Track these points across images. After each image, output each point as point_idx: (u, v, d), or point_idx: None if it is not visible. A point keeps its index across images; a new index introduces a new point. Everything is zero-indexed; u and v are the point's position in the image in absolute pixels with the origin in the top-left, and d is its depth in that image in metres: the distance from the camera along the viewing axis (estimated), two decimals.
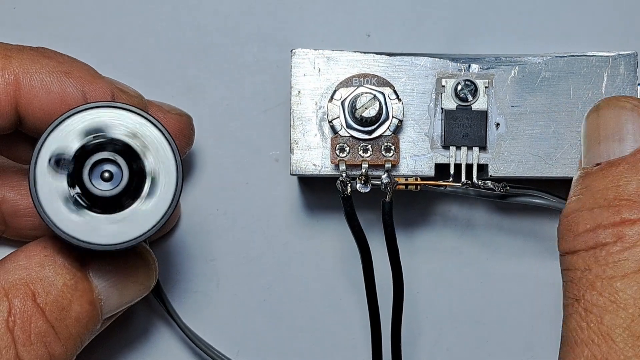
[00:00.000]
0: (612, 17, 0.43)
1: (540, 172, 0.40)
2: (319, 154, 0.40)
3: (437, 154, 0.40)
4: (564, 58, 0.40)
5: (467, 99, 0.39)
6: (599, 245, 0.33)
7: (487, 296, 0.43)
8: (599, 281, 0.33)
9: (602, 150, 0.35)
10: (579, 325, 0.33)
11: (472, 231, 0.43)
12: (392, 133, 0.39)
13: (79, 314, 0.36)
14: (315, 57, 0.40)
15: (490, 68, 0.40)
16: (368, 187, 0.39)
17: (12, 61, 0.36)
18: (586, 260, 0.33)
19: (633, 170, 0.34)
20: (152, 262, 0.39)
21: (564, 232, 0.35)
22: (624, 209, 0.33)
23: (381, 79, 0.39)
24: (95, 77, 0.37)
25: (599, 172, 0.35)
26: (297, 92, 0.40)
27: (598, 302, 0.33)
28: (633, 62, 0.39)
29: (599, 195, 0.34)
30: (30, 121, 0.36)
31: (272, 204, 0.43)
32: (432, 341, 0.43)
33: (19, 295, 0.35)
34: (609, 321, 0.32)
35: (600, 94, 0.39)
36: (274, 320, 0.43)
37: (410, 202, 0.43)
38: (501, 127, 0.40)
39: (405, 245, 0.42)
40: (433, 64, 0.40)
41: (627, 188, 0.34)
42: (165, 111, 0.41)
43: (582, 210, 0.34)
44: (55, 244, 0.36)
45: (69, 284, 0.36)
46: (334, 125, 0.39)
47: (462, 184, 0.39)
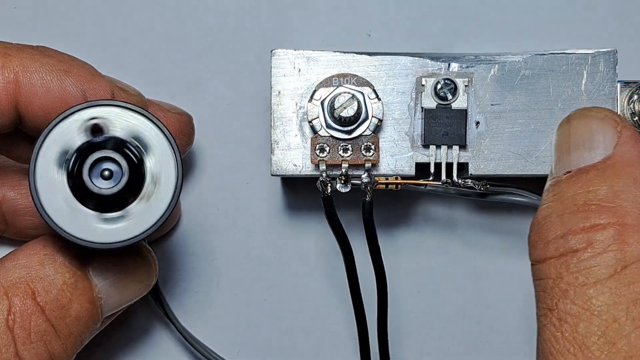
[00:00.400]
0: (591, 15, 0.43)
1: (521, 170, 0.40)
2: (300, 154, 0.40)
3: (417, 153, 0.40)
4: (543, 56, 0.40)
5: (446, 97, 0.39)
6: (570, 251, 0.33)
7: (470, 294, 0.43)
8: (572, 289, 0.32)
9: (572, 158, 0.35)
10: (554, 335, 0.33)
11: (453, 230, 0.43)
12: (371, 132, 0.39)
13: (79, 313, 0.36)
14: (295, 57, 0.40)
15: (470, 67, 0.40)
16: (348, 187, 0.39)
17: (12, 60, 0.36)
18: (557, 268, 0.33)
19: (603, 177, 0.34)
20: (152, 260, 0.39)
21: (534, 241, 0.34)
22: (593, 214, 0.33)
23: (361, 79, 0.39)
24: (95, 75, 0.37)
25: (569, 179, 0.34)
26: (277, 92, 0.40)
27: (571, 310, 0.32)
28: (612, 60, 0.39)
29: (569, 202, 0.34)
30: (30, 119, 0.36)
31: (272, 203, 0.43)
32: (418, 340, 0.43)
33: (19, 294, 0.35)
34: (584, 329, 0.32)
35: (580, 91, 0.39)
36: (274, 320, 0.43)
37: (391, 201, 0.43)
38: (481, 125, 0.40)
39: (386, 245, 0.42)
40: (413, 63, 0.40)
41: (597, 193, 0.33)
42: (165, 110, 0.41)
43: (552, 217, 0.34)
44: (55, 242, 0.36)
45: (69, 282, 0.36)
46: (314, 126, 0.39)
47: (442, 182, 0.39)
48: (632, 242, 0.33)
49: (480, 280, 0.43)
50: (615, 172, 0.34)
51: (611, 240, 0.33)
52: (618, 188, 0.33)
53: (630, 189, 0.33)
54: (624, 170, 0.34)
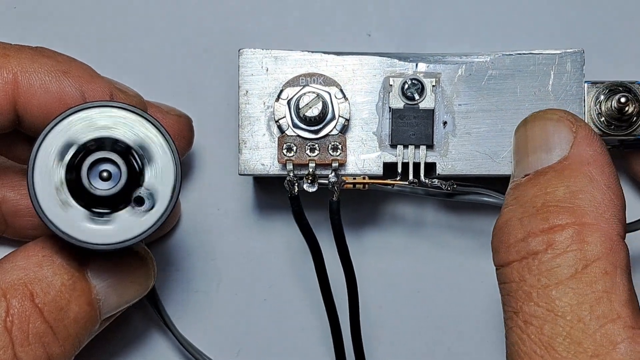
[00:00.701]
0: (559, 15, 0.44)
1: (488, 169, 0.40)
2: (268, 154, 0.39)
3: (385, 153, 0.40)
4: (510, 56, 0.40)
5: (414, 97, 0.39)
6: (531, 254, 0.33)
7: (437, 294, 0.43)
8: (535, 291, 0.33)
9: (530, 161, 0.35)
10: (520, 338, 0.33)
11: (421, 230, 0.43)
12: (339, 132, 0.39)
13: (77, 314, 0.36)
14: (263, 56, 0.40)
15: (438, 66, 0.40)
16: (315, 187, 0.39)
17: (11, 60, 0.36)
18: (520, 271, 0.33)
19: (560, 177, 0.34)
20: (151, 262, 0.39)
21: (497, 245, 0.35)
22: (552, 215, 0.33)
23: (328, 79, 0.39)
24: (94, 76, 0.37)
25: (527, 182, 0.35)
26: (245, 91, 0.40)
27: (536, 312, 0.33)
28: (579, 60, 0.40)
29: (528, 204, 0.34)
30: (29, 120, 0.36)
31: (272, 203, 0.43)
32: (389, 338, 0.44)
33: (17, 296, 0.35)
34: (549, 331, 0.32)
35: (547, 91, 0.40)
36: (274, 320, 0.44)
37: (360, 201, 0.43)
38: (448, 125, 0.40)
39: (355, 245, 0.42)
40: (381, 63, 0.40)
41: (555, 195, 0.34)
42: (165, 112, 0.41)
43: (512, 220, 0.34)
44: (53, 244, 0.36)
45: (67, 284, 0.36)
46: (281, 125, 0.39)
47: (409, 182, 0.39)
48: (591, 241, 0.33)
49: (448, 279, 0.43)
50: (572, 172, 0.34)
51: (570, 241, 0.33)
52: (575, 188, 0.34)
53: (587, 188, 0.34)
54: (580, 170, 0.34)
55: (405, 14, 0.44)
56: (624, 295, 0.33)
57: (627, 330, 0.32)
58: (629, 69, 0.43)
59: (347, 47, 0.41)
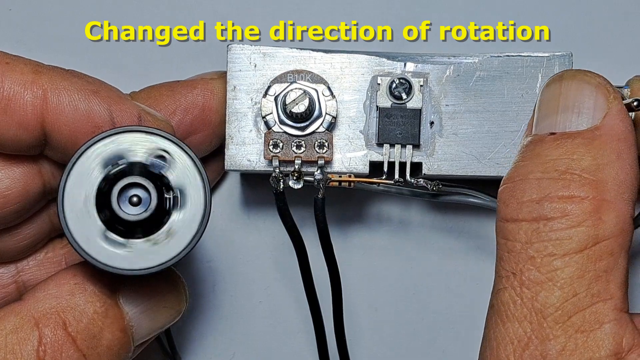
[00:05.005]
0: (547, 18, 0.44)
1: (473, 171, 0.40)
2: (255, 150, 0.39)
3: (371, 152, 0.40)
4: (499, 58, 0.40)
5: (401, 97, 0.39)
6: (543, 218, 0.33)
7: (421, 293, 0.44)
8: (539, 257, 0.32)
9: (559, 120, 0.34)
10: (513, 299, 0.33)
11: (405, 229, 0.43)
12: (325, 130, 0.39)
13: (111, 342, 0.36)
14: (252, 52, 0.40)
15: (426, 66, 0.40)
16: (300, 184, 0.39)
17: (42, 76, 0.36)
18: (528, 232, 0.33)
19: (588, 146, 0.33)
20: (182, 286, 0.38)
21: (507, 198, 0.34)
22: (574, 185, 0.32)
23: (315, 76, 0.39)
24: (123, 98, 0.37)
25: (553, 142, 0.34)
26: (233, 87, 0.40)
27: (535, 278, 0.32)
28: (567, 63, 0.40)
29: (550, 165, 0.33)
30: (56, 138, 0.36)
31: (270, 204, 0.43)
32: (373, 336, 0.44)
33: (50, 325, 0.35)
34: (543, 299, 0.32)
35: (535, 94, 0.40)
36: (271, 322, 0.44)
37: (345, 200, 0.43)
38: (435, 125, 0.40)
39: (340, 243, 0.43)
40: (369, 62, 0.40)
41: (580, 163, 0.33)
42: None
43: (529, 178, 0.33)
44: (84, 271, 0.36)
45: (100, 311, 0.35)
46: (268, 121, 0.39)
47: (395, 181, 0.39)
48: (607, 220, 0.32)
49: (432, 279, 0.43)
50: (602, 143, 0.33)
51: (587, 215, 0.32)
52: (602, 161, 0.33)
53: (614, 164, 0.33)
54: (610, 144, 0.33)
55: (395, 13, 0.44)
56: (620, 278, 0.33)
57: (615, 312, 0.32)
58: (617, 73, 0.43)
59: (335, 45, 0.41)
